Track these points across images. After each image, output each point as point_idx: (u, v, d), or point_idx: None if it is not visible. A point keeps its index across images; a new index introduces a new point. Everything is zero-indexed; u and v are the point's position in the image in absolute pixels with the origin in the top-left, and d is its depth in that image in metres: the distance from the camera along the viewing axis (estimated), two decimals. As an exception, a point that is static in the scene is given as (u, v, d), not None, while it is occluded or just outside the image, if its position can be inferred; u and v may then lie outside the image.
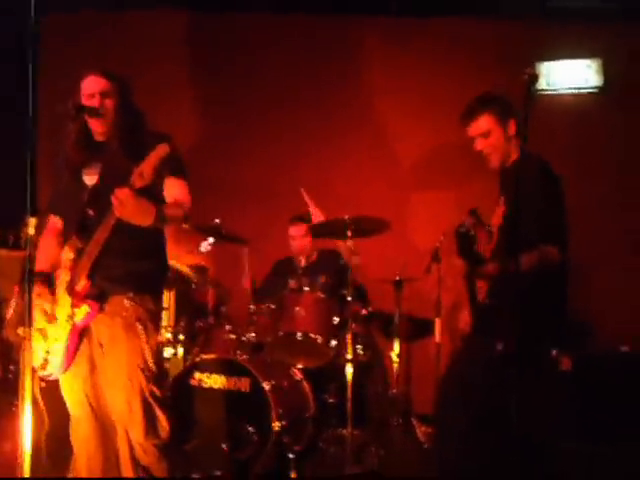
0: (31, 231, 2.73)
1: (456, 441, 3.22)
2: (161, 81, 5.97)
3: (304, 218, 5.21)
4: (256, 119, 6.10)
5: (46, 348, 3.14)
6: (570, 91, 5.76)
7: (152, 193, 3.06)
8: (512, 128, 3.32)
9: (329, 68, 6.08)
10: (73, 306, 3.09)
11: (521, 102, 2.59)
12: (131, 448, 3.11)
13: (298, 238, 5.32)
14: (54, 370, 3.14)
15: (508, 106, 3.36)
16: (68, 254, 3.14)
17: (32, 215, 2.88)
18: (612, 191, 5.65)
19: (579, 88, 5.75)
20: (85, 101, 3.15)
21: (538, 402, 3.11)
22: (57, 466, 3.49)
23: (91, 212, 3.09)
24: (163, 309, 4.41)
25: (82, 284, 3.09)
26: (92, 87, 3.16)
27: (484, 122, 3.32)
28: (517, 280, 2.64)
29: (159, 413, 3.15)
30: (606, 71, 5.67)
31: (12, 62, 5.36)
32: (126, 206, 2.90)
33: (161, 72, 6.07)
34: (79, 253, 3.10)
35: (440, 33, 5.91)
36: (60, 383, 3.23)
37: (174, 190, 3.17)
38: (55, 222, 3.34)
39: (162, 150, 2.92)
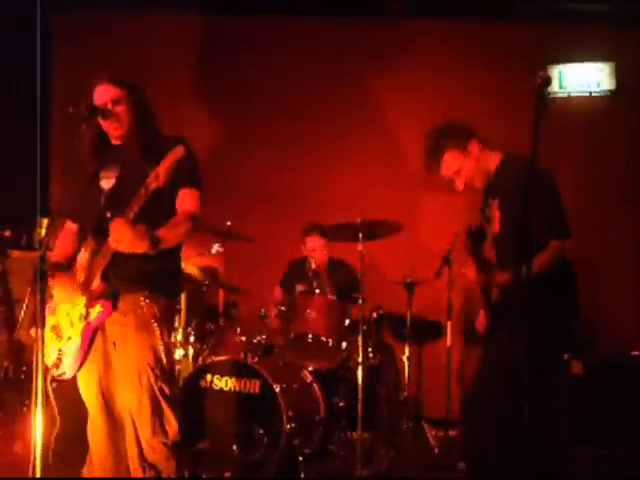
0: (43, 232, 2.76)
1: (481, 443, 3.22)
2: (169, 84, 6.00)
3: (321, 229, 5.18)
4: (263, 122, 6.11)
5: (59, 347, 3.17)
6: (583, 94, 5.74)
7: (166, 198, 3.09)
8: (474, 148, 3.31)
9: (338, 69, 6.09)
10: (87, 306, 3.12)
11: (534, 105, 2.57)
12: (139, 445, 3.13)
13: (318, 249, 5.26)
14: (67, 369, 3.17)
15: (461, 131, 3.35)
16: (84, 255, 3.17)
17: (43, 216, 2.91)
18: (625, 193, 5.63)
19: (592, 91, 5.74)
20: None
21: (550, 406, 3.10)
22: (65, 466, 3.50)
23: (109, 214, 3.11)
24: (179, 310, 4.46)
25: (96, 284, 3.11)
26: (103, 96, 3.18)
27: (448, 163, 3.33)
28: (531, 284, 2.62)
29: (167, 411, 3.15)
30: (619, 74, 5.65)
31: (25, 64, 5.45)
32: (121, 236, 2.96)
33: (170, 75, 6.09)
34: (94, 254, 3.13)
35: (453, 35, 5.90)
36: (77, 381, 3.25)
37: (186, 201, 3.19)
38: (71, 226, 3.38)
39: (178, 152, 2.96)
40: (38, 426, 2.65)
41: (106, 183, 3.22)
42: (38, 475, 2.67)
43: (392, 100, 6.08)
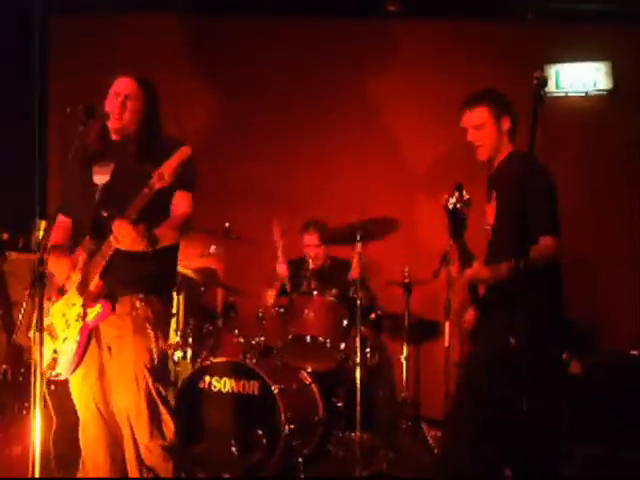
0: (40, 234, 2.76)
1: (467, 442, 3.21)
2: (165, 84, 5.98)
3: (318, 225, 5.18)
4: (260, 121, 6.10)
5: (54, 347, 3.16)
6: (579, 94, 5.74)
7: (163, 198, 3.10)
8: (505, 124, 3.36)
9: (334, 69, 6.08)
10: (85, 306, 3.10)
11: (530, 105, 2.58)
12: (137, 449, 3.13)
13: (312, 247, 5.26)
14: (62, 370, 3.15)
15: (506, 103, 3.40)
16: (82, 255, 3.15)
17: (41, 218, 2.90)
18: (622, 192, 5.63)
19: (588, 91, 5.73)
20: (109, 99, 3.21)
21: (547, 404, 3.10)
22: (64, 467, 3.49)
23: (104, 213, 3.10)
24: (172, 312, 4.44)
25: (95, 283, 3.10)
26: (120, 87, 3.22)
27: (479, 114, 3.37)
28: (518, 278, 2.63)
29: (164, 413, 3.16)
30: (615, 74, 5.65)
31: (22, 66, 5.45)
32: (123, 237, 2.97)
33: (165, 75, 6.07)
34: (92, 254, 3.12)
35: (448, 35, 5.89)
36: (69, 386, 3.25)
37: (181, 204, 3.20)
38: (63, 220, 3.36)
39: (185, 153, 2.96)
40: (37, 428, 2.65)
41: (99, 179, 3.21)
42: (37, 476, 2.66)
43: (390, 99, 6.07)
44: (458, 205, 3.11)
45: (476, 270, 3.22)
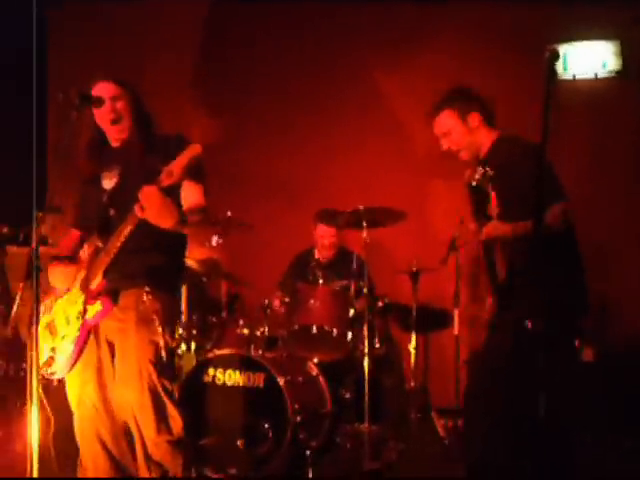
0: (37, 225, 2.70)
1: (484, 431, 3.15)
2: (168, 74, 5.93)
3: (334, 216, 5.09)
4: (268, 110, 6.04)
5: (52, 345, 3.10)
6: (589, 75, 5.62)
7: (173, 194, 3.03)
8: (474, 120, 3.33)
9: (343, 56, 5.99)
10: (86, 303, 3.05)
11: (541, 82, 2.50)
12: (144, 445, 3.06)
13: (327, 237, 5.23)
14: (58, 369, 3.10)
15: (470, 99, 3.37)
16: (86, 252, 3.14)
17: (39, 210, 2.84)
18: (633, 176, 5.53)
19: (597, 73, 5.61)
20: (95, 109, 3.15)
21: (562, 391, 3.03)
22: (66, 465, 3.43)
23: (112, 212, 3.08)
24: (179, 305, 4.39)
25: (97, 281, 3.06)
26: (102, 93, 3.14)
27: (443, 120, 3.36)
28: (535, 248, 2.55)
29: (171, 408, 3.08)
30: (625, 54, 5.53)
31: (22, 61, 5.37)
32: (152, 205, 2.85)
33: (168, 65, 6.02)
34: (97, 251, 3.08)
35: (457, 18, 5.77)
36: (65, 381, 3.19)
37: (192, 194, 3.12)
38: (74, 233, 3.34)
39: (194, 150, 2.88)
40: (34, 425, 2.59)
41: (108, 183, 3.19)
42: (35, 475, 2.60)
43: (399, 86, 5.98)
44: (481, 182, 3.07)
45: (495, 225, 3.12)
